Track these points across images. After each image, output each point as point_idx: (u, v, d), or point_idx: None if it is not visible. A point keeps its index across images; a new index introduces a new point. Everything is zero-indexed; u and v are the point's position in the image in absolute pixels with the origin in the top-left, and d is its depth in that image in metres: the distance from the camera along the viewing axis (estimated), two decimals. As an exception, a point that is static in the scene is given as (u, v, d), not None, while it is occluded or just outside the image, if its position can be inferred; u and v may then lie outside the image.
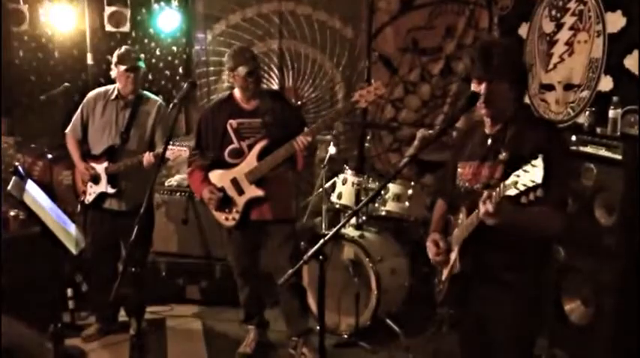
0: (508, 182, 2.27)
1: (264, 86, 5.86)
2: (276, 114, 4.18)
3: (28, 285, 4.30)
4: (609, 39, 4.48)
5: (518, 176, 2.23)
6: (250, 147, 4.19)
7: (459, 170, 2.82)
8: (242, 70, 4.10)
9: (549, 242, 2.76)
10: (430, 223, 5.10)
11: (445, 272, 2.85)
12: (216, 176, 4.27)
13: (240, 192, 4.21)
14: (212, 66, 6.35)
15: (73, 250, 3.71)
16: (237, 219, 4.25)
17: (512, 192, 2.25)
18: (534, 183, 2.18)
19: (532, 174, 2.19)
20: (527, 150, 2.50)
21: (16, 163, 4.99)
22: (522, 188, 2.22)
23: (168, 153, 3.94)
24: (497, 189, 2.35)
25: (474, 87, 2.65)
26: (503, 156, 2.58)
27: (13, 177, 3.79)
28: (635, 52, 4.22)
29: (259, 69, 4.30)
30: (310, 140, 4.03)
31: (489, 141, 2.71)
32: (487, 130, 2.74)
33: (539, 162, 2.18)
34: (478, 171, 2.69)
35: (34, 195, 3.75)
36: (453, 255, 2.76)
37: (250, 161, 4.17)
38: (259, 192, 4.18)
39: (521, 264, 2.65)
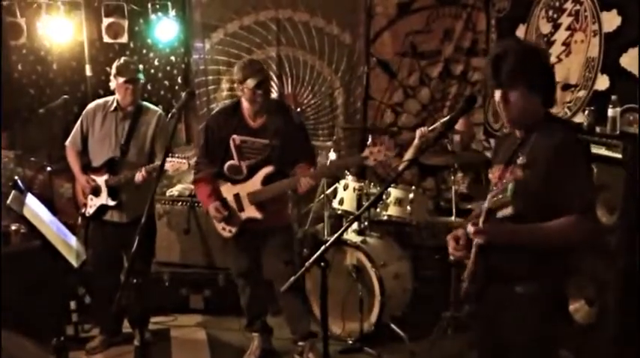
0: (493, 198, 2.39)
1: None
2: (283, 136, 4.19)
3: (30, 299, 4.30)
4: (605, 38, 4.49)
5: (503, 192, 2.37)
6: (249, 167, 4.23)
7: (489, 174, 2.84)
8: (251, 83, 4.09)
9: (570, 252, 2.66)
10: (432, 227, 5.14)
11: (467, 270, 2.84)
12: (224, 187, 4.30)
13: (241, 208, 4.25)
14: (211, 75, 6.36)
15: (74, 263, 3.71)
16: (233, 232, 4.31)
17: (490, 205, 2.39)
18: (505, 200, 2.32)
19: (507, 192, 2.34)
20: (542, 155, 2.52)
21: (16, 177, 5.00)
22: (498, 204, 2.34)
23: (167, 166, 3.95)
24: (483, 207, 2.45)
25: (496, 96, 2.64)
26: (520, 159, 2.59)
27: (13, 191, 3.79)
28: (630, 51, 4.23)
29: (269, 82, 4.30)
30: (314, 184, 4.15)
31: (516, 146, 2.70)
32: (517, 134, 2.72)
33: (512, 183, 2.32)
34: (503, 175, 2.70)
35: (34, 208, 3.75)
36: (472, 255, 2.75)
37: (255, 183, 4.21)
38: (257, 215, 4.23)
39: (537, 274, 2.58)
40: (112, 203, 4.55)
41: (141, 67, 4.68)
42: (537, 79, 2.60)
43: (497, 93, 2.60)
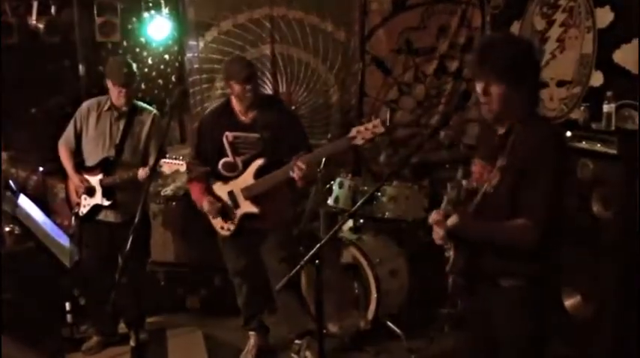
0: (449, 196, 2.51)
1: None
2: (275, 129, 4.16)
3: (25, 301, 4.28)
4: (598, 34, 4.48)
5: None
6: (245, 162, 4.20)
7: (472, 166, 2.79)
8: (238, 77, 4.07)
9: (546, 251, 2.58)
10: (428, 223, 5.11)
11: (450, 264, 2.82)
12: (216, 186, 4.29)
13: (236, 205, 4.23)
14: (205, 73, 6.32)
15: (67, 263, 3.69)
16: (232, 230, 4.29)
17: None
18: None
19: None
20: (519, 156, 2.49)
21: (9, 178, 4.96)
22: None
23: (165, 167, 3.94)
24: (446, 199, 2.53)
25: (477, 87, 2.59)
26: (499, 162, 2.56)
27: (5, 192, 3.77)
28: (624, 47, 4.23)
29: (256, 77, 4.27)
30: (305, 169, 3.97)
31: (495, 143, 2.65)
32: (498, 130, 2.67)
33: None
34: (482, 172, 2.68)
35: (27, 209, 3.73)
36: (452, 249, 2.73)
37: (247, 178, 4.18)
38: (254, 209, 4.20)
39: (514, 271, 2.57)
40: (106, 203, 4.53)
41: (134, 65, 4.64)
42: (524, 76, 2.53)
43: (479, 85, 2.55)
